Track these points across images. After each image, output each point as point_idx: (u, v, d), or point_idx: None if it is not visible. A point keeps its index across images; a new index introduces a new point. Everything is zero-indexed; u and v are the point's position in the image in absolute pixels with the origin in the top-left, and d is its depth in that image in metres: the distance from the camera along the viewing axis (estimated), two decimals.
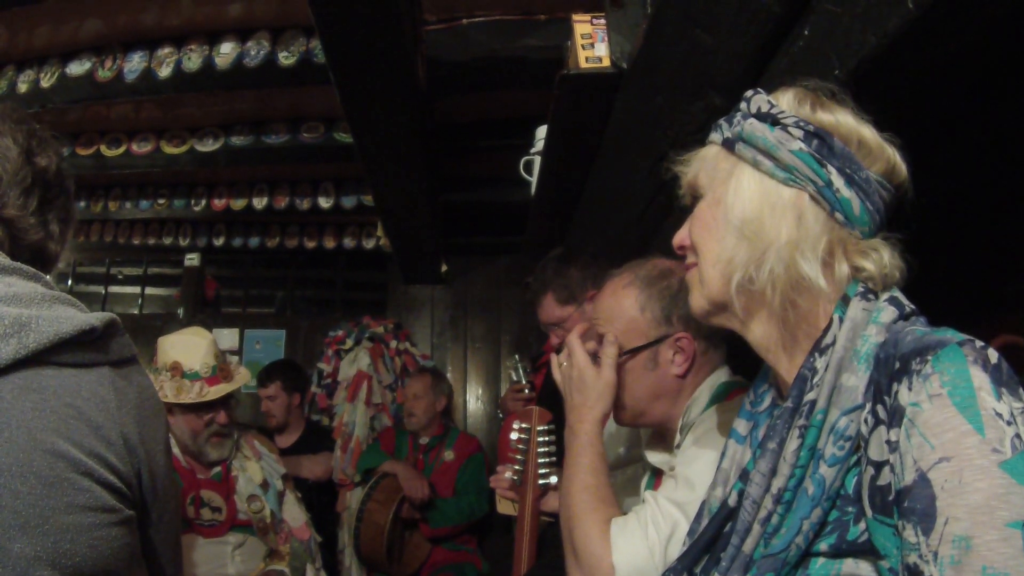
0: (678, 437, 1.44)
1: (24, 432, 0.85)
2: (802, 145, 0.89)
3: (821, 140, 0.89)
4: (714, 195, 0.97)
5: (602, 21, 1.75)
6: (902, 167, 0.92)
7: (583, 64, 1.74)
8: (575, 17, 1.78)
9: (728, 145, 0.96)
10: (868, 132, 0.91)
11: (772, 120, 0.92)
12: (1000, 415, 0.72)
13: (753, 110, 0.94)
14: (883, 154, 0.91)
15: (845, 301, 0.88)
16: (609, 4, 1.72)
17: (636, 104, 1.74)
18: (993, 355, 0.76)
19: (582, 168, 2.28)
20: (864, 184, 0.89)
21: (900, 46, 1.01)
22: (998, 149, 1.49)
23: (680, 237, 1.04)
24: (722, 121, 0.99)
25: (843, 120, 0.91)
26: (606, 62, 1.73)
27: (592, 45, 1.74)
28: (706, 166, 0.99)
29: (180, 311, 5.34)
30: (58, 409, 0.88)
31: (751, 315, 0.95)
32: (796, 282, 0.89)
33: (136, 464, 0.97)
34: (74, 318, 0.93)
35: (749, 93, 0.97)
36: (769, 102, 0.94)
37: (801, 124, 0.90)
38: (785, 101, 0.94)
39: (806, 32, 1.18)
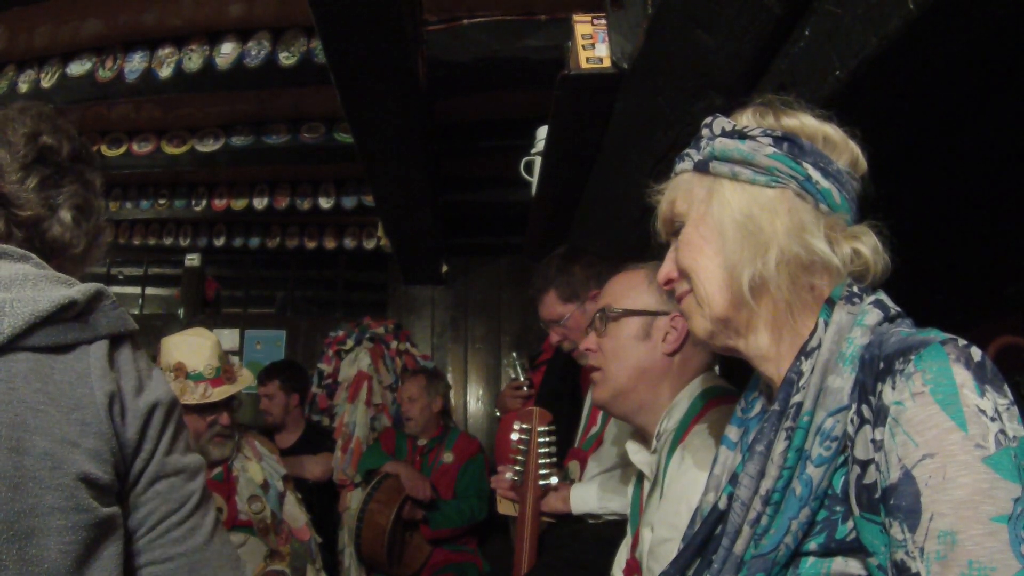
0: (655, 442, 1.44)
1: None
2: (775, 149, 0.93)
3: (791, 142, 0.93)
4: (697, 216, 0.98)
5: (603, 21, 1.75)
6: (863, 160, 0.96)
7: (584, 64, 1.74)
8: (576, 17, 1.78)
9: (701, 168, 0.99)
10: (831, 129, 0.95)
11: (739, 135, 0.96)
12: (983, 411, 0.73)
13: (718, 131, 0.98)
14: (847, 147, 0.95)
15: (830, 305, 0.90)
16: (610, 4, 1.72)
17: (637, 105, 1.73)
18: (976, 353, 0.77)
19: (583, 169, 2.28)
20: (837, 175, 0.93)
21: (901, 47, 1.01)
22: (998, 149, 1.49)
23: (666, 271, 1.04)
24: (688, 150, 1.02)
25: (807, 121, 0.96)
26: (607, 62, 1.73)
27: (593, 45, 1.74)
28: (681, 193, 1.01)
29: (180, 311, 5.34)
30: (27, 397, 0.85)
31: (752, 326, 0.96)
32: (807, 263, 0.91)
33: (123, 435, 0.93)
34: (52, 294, 0.90)
35: (708, 119, 1.01)
36: (731, 122, 0.98)
37: (768, 132, 0.95)
38: (745, 118, 0.99)
39: (807, 33, 1.18)
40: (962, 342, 0.78)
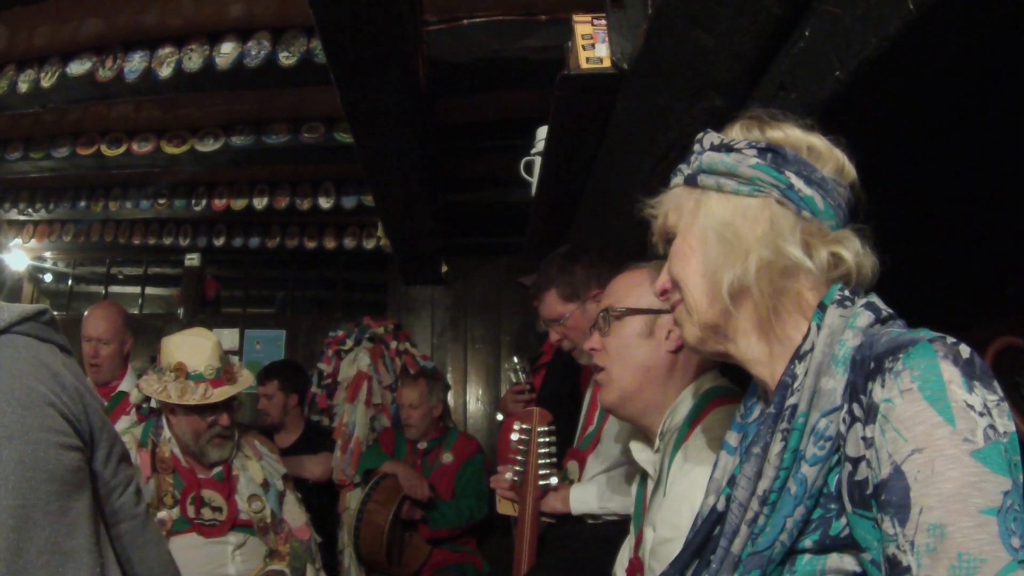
0: (657, 441, 1.44)
1: (6, 372, 1.19)
2: (758, 160, 0.96)
3: (774, 152, 0.96)
4: (685, 227, 1.03)
5: (603, 21, 1.75)
6: (851, 168, 0.99)
7: (584, 64, 1.74)
8: (576, 17, 1.78)
9: (690, 181, 1.03)
10: (816, 139, 0.98)
11: (726, 148, 1.00)
12: (971, 407, 0.75)
13: (707, 146, 1.02)
14: (832, 155, 0.98)
15: (823, 309, 0.92)
16: (610, 4, 1.72)
17: (637, 105, 1.74)
18: (965, 350, 0.79)
19: (583, 169, 2.28)
20: (821, 183, 0.95)
21: (901, 47, 1.01)
22: (998, 149, 1.49)
23: (661, 282, 1.09)
24: (680, 164, 1.06)
25: (791, 132, 0.99)
26: (607, 63, 1.73)
27: (593, 45, 1.74)
28: (673, 206, 1.06)
29: (180, 311, 5.34)
30: (28, 359, 1.22)
31: (740, 331, 0.99)
32: (784, 268, 0.93)
33: (84, 408, 1.29)
34: (32, 305, 1.29)
35: (700, 135, 1.05)
36: (719, 136, 1.02)
37: (753, 144, 0.98)
38: (733, 132, 1.03)
39: (807, 33, 1.18)
40: (950, 340, 0.80)
